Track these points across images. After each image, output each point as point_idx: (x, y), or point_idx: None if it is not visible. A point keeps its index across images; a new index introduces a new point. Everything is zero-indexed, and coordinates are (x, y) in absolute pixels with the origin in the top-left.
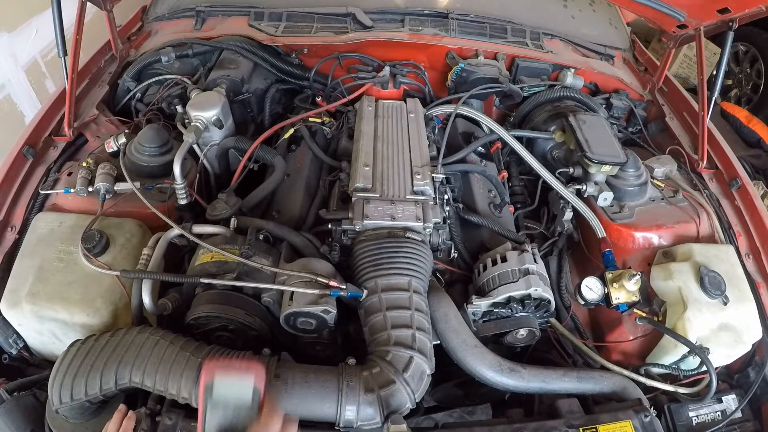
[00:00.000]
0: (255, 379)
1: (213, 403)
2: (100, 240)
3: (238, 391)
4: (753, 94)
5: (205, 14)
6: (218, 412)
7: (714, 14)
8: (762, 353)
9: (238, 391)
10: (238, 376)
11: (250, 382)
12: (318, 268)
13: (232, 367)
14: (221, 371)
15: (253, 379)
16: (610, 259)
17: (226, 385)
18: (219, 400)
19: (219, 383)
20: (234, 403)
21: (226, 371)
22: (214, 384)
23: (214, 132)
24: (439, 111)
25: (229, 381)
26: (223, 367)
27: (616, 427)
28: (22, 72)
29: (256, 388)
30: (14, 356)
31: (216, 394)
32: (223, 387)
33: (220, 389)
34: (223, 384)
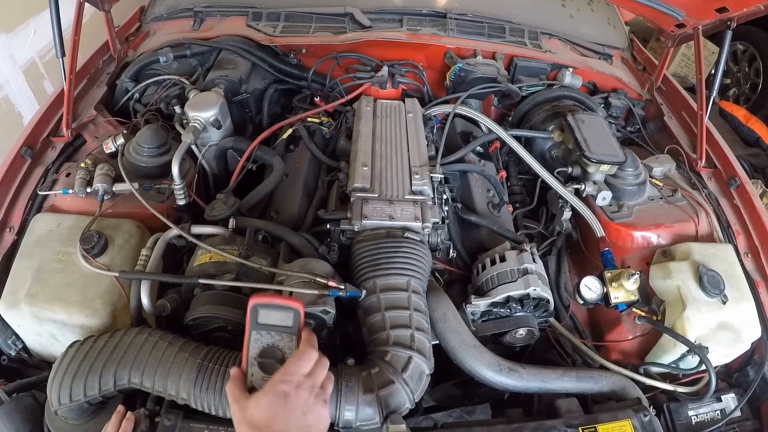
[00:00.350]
0: (297, 308)
1: (257, 325)
2: (99, 241)
3: (280, 316)
4: (751, 93)
5: (203, 14)
6: (261, 334)
7: (712, 13)
8: (761, 352)
9: (280, 316)
10: (281, 304)
11: (291, 310)
12: (317, 268)
13: (277, 297)
14: (266, 298)
15: (294, 307)
16: (609, 259)
17: (269, 310)
18: (262, 323)
19: (263, 308)
20: (275, 327)
21: (270, 299)
22: (259, 308)
23: (213, 132)
24: (437, 111)
25: (273, 307)
26: (269, 296)
27: (615, 426)
28: (20, 73)
29: (297, 315)
30: (13, 357)
31: (260, 317)
32: (267, 311)
33: (263, 313)
34: (267, 309)
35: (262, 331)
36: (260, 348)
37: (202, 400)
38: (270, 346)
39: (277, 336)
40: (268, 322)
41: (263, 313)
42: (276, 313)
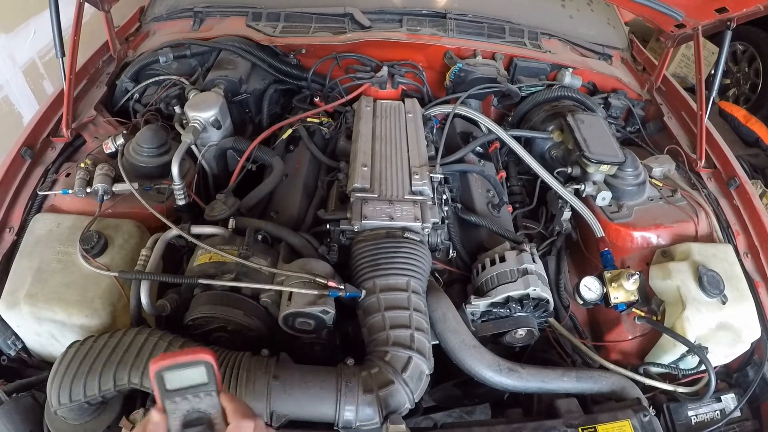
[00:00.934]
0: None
1: (168, 393)
2: (99, 241)
3: (190, 375)
4: (751, 93)
5: (203, 15)
6: (176, 402)
7: (712, 14)
8: (761, 352)
9: (191, 374)
10: (186, 360)
11: (200, 363)
12: (316, 268)
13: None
14: (167, 360)
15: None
16: (609, 259)
17: (176, 372)
18: (173, 389)
19: (168, 371)
20: (190, 389)
21: (172, 359)
22: (164, 373)
23: (212, 132)
24: (437, 111)
25: (178, 367)
26: (169, 357)
27: (615, 426)
28: (20, 73)
29: (209, 366)
30: (13, 357)
31: (168, 382)
32: (173, 374)
33: (170, 377)
34: (173, 371)
35: (177, 398)
36: (181, 418)
37: None
38: (191, 412)
39: (195, 399)
40: (179, 386)
41: (170, 377)
42: (185, 373)
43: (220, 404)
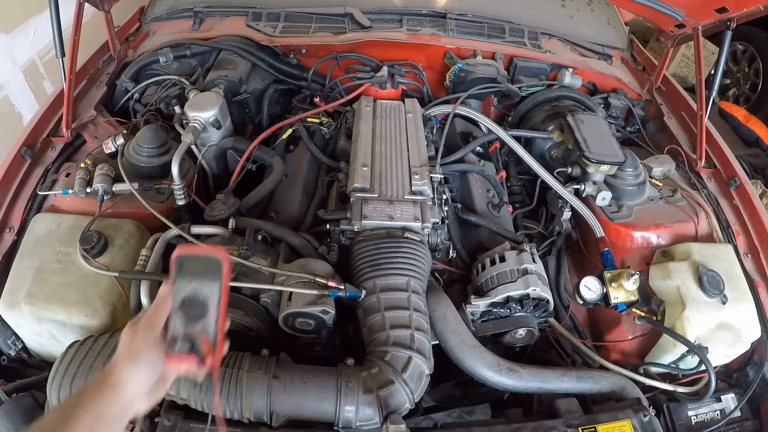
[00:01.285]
0: (217, 256)
1: (180, 276)
2: (99, 241)
3: (202, 266)
4: (751, 93)
5: (203, 15)
6: (184, 284)
7: (712, 14)
8: (761, 352)
9: (203, 266)
10: (203, 254)
11: (212, 258)
12: (316, 268)
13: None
14: (189, 249)
15: (215, 255)
16: (609, 259)
17: (192, 261)
18: (185, 273)
19: (187, 259)
20: (198, 276)
21: (193, 249)
22: (183, 259)
23: (213, 132)
24: (437, 111)
25: (195, 258)
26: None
27: (615, 426)
28: (20, 73)
29: (218, 263)
30: (13, 357)
31: (183, 268)
32: (190, 262)
33: (187, 264)
34: (190, 259)
35: (185, 282)
36: (182, 297)
37: (202, 400)
38: (192, 294)
39: (199, 285)
40: (190, 273)
41: (187, 263)
42: (199, 263)
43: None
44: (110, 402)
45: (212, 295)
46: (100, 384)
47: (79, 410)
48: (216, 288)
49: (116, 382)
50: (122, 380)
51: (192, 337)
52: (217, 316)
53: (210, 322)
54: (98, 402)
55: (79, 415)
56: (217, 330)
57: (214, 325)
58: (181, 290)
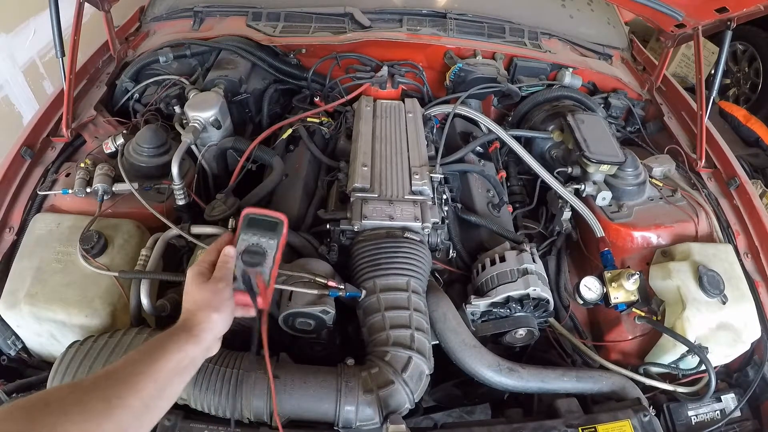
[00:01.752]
0: (281, 218)
1: (246, 229)
2: (99, 241)
3: (266, 223)
4: (751, 93)
5: (203, 14)
6: (248, 236)
7: (712, 13)
8: (761, 352)
9: (267, 223)
10: (268, 215)
11: (276, 219)
12: (316, 268)
13: (265, 210)
14: (257, 210)
15: (279, 217)
16: (609, 259)
17: (258, 219)
18: (250, 228)
19: (253, 216)
20: (261, 231)
21: (261, 211)
22: (251, 217)
23: (212, 132)
24: (437, 111)
25: (261, 216)
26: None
27: (615, 426)
28: (20, 73)
29: (280, 223)
30: (13, 357)
31: (249, 224)
32: (256, 220)
33: (253, 221)
34: (256, 217)
35: (249, 234)
36: (245, 246)
37: (202, 400)
38: (255, 244)
39: (262, 238)
40: (254, 228)
41: (253, 220)
42: (264, 221)
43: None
44: (193, 350)
45: (271, 248)
46: (185, 335)
47: (163, 355)
48: (275, 243)
49: (200, 333)
50: (207, 330)
51: (249, 277)
52: (273, 265)
53: (266, 268)
54: (184, 349)
55: (164, 360)
56: (271, 276)
57: (269, 272)
58: (244, 241)
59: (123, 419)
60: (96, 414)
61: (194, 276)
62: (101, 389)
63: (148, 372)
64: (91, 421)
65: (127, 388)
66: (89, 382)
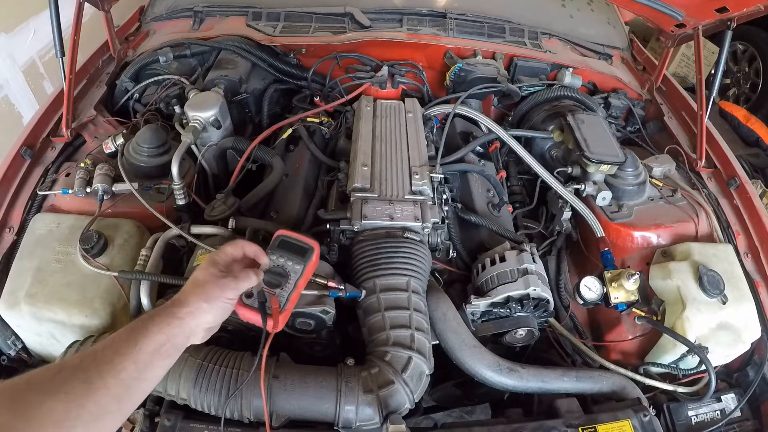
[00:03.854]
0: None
1: (274, 250)
2: (98, 241)
3: (296, 247)
4: (751, 93)
5: (203, 14)
6: (275, 257)
7: (712, 13)
8: (761, 352)
9: (297, 248)
10: (300, 239)
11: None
12: (316, 268)
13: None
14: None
15: (311, 244)
16: (609, 259)
17: (289, 242)
18: (280, 249)
19: (285, 239)
20: (288, 254)
21: (294, 234)
22: (282, 237)
23: (212, 132)
24: (437, 111)
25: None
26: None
27: (615, 426)
28: (20, 73)
29: (311, 250)
30: (13, 357)
31: (281, 245)
32: (287, 242)
33: (284, 243)
34: (288, 240)
35: (277, 255)
36: (271, 265)
37: (202, 400)
38: (279, 266)
39: (289, 261)
40: (284, 250)
41: (284, 242)
42: (295, 245)
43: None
44: (175, 332)
45: (295, 273)
46: (169, 314)
47: (145, 336)
48: (301, 268)
49: (185, 317)
50: (192, 314)
51: (265, 297)
52: (293, 290)
53: (285, 292)
54: (165, 331)
55: (146, 340)
56: (289, 301)
57: (287, 296)
58: (272, 260)
59: (104, 401)
60: (78, 395)
61: (208, 261)
62: (83, 370)
63: (129, 353)
64: (73, 402)
65: (108, 369)
66: (73, 362)
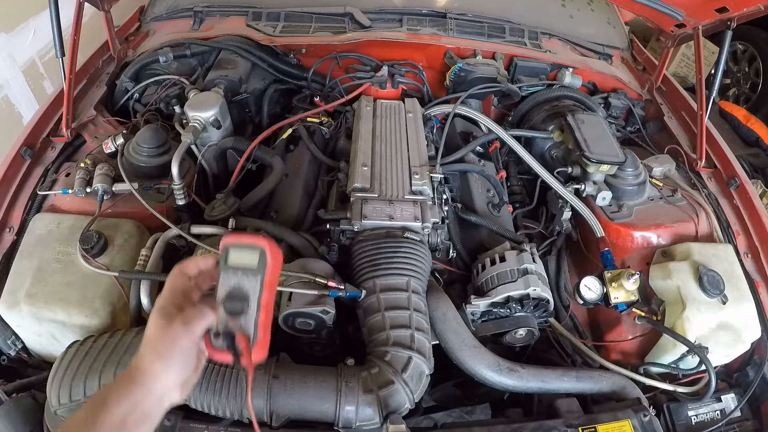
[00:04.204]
0: (261, 246)
1: (226, 267)
2: (98, 241)
3: (247, 256)
4: (751, 93)
5: (203, 14)
6: (229, 275)
7: (712, 13)
8: (761, 352)
9: (248, 256)
10: (248, 243)
11: (256, 249)
12: (316, 268)
13: (245, 236)
14: (236, 238)
15: (259, 245)
16: (609, 259)
17: (238, 251)
18: (231, 264)
19: (234, 248)
20: (242, 268)
21: (240, 238)
22: (230, 248)
23: (212, 132)
24: (437, 111)
25: (241, 247)
26: (239, 236)
27: (615, 426)
28: (20, 73)
29: (262, 253)
30: (13, 357)
31: (230, 258)
32: (236, 252)
33: (233, 254)
34: (237, 249)
35: (230, 272)
36: (227, 290)
37: (202, 400)
38: (236, 287)
39: (243, 277)
40: (236, 263)
41: (233, 253)
42: (244, 253)
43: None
44: (138, 399)
45: (253, 290)
46: (128, 381)
47: (106, 409)
48: (257, 281)
49: (144, 380)
50: (151, 377)
51: (232, 333)
52: (257, 312)
53: (249, 318)
54: (125, 399)
55: (106, 414)
56: (258, 328)
57: (254, 322)
58: (225, 282)
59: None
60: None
61: (154, 309)
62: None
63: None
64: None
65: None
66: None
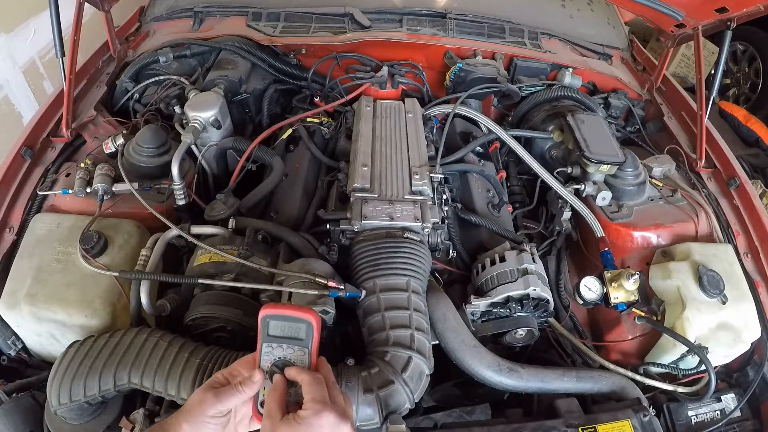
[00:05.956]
0: (309, 319)
1: (268, 338)
2: (99, 241)
3: (291, 328)
4: (751, 93)
5: (203, 14)
6: (272, 347)
7: (712, 14)
8: (761, 352)
9: (292, 328)
10: (292, 315)
11: (303, 322)
12: (316, 268)
13: (288, 308)
14: (277, 309)
15: (306, 318)
16: (609, 259)
17: (280, 321)
18: (273, 335)
19: (274, 319)
20: (287, 339)
21: (281, 310)
22: (269, 320)
23: (212, 132)
24: (437, 111)
25: (284, 318)
26: (280, 307)
27: (615, 426)
28: (20, 73)
29: (309, 326)
30: (13, 357)
31: (271, 329)
32: (278, 323)
33: (274, 325)
34: (278, 320)
35: (273, 344)
36: (271, 361)
37: None
38: (281, 359)
39: (289, 349)
40: (279, 334)
41: (274, 324)
42: (287, 325)
43: (309, 362)
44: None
45: (302, 362)
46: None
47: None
48: (306, 354)
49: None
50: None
51: None
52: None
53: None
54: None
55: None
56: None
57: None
58: (269, 354)
59: None
60: None
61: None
62: None
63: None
64: None
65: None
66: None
